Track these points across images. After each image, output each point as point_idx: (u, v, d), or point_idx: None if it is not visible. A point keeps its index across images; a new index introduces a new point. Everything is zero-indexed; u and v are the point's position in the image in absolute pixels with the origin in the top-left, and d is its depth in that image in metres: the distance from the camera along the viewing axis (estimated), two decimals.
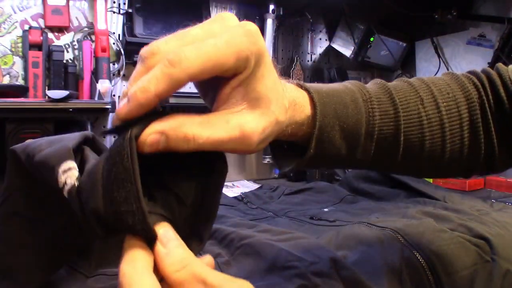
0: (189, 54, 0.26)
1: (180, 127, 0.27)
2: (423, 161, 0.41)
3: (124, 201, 0.25)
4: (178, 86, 0.26)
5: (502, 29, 1.30)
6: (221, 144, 0.28)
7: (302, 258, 0.51)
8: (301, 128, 0.36)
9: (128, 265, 0.26)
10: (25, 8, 1.09)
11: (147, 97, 0.26)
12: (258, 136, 0.30)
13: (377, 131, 0.38)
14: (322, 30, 1.61)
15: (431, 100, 0.40)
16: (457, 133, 0.40)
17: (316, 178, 1.26)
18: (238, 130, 0.29)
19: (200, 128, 0.27)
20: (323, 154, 0.37)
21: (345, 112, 0.37)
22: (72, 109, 0.96)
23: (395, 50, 1.54)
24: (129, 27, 1.19)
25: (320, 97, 0.37)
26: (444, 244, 0.59)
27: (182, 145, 0.27)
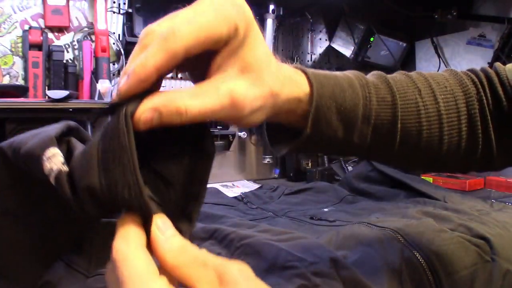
0: (182, 27, 0.27)
1: (172, 101, 0.27)
2: (421, 152, 0.41)
3: (120, 175, 0.25)
4: (175, 59, 0.27)
5: (502, 29, 1.30)
6: (213, 113, 0.29)
7: (302, 258, 0.51)
8: (298, 105, 0.36)
9: (121, 241, 0.26)
10: (25, 8, 1.09)
11: (145, 71, 0.26)
12: (250, 103, 0.30)
13: (374, 116, 0.38)
14: (322, 30, 1.61)
15: (429, 91, 0.40)
16: (455, 125, 0.40)
17: (316, 178, 1.26)
18: (229, 97, 0.29)
19: (191, 100, 0.28)
20: (319, 135, 0.37)
21: (342, 94, 0.37)
22: (72, 109, 0.96)
23: (395, 50, 1.54)
24: (129, 27, 1.19)
25: (317, 78, 0.37)
26: (444, 244, 0.59)
27: (175, 119, 0.27)
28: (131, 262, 0.25)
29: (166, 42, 0.26)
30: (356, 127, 0.38)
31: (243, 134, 1.37)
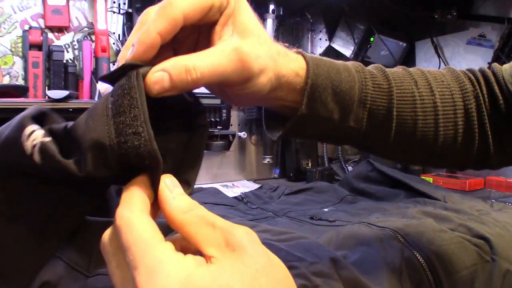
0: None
1: (180, 62, 0.28)
2: (417, 144, 0.41)
3: (131, 124, 0.26)
4: (175, 24, 0.28)
5: (502, 29, 1.30)
6: (222, 72, 0.30)
7: (302, 258, 0.51)
8: (296, 80, 0.36)
9: (125, 207, 0.26)
10: (25, 8, 1.09)
11: (150, 37, 0.28)
12: (256, 60, 0.31)
13: (370, 101, 0.38)
14: (322, 30, 1.61)
15: (425, 83, 0.41)
16: (451, 119, 0.40)
17: (316, 178, 1.26)
18: (235, 53, 0.30)
19: (199, 60, 0.29)
20: (315, 115, 0.37)
21: (338, 76, 0.37)
22: (72, 109, 0.96)
23: (395, 50, 1.54)
24: (129, 27, 1.19)
25: (312, 58, 0.37)
26: (444, 244, 0.59)
27: (185, 79, 0.28)
28: (136, 227, 0.25)
29: (165, 9, 0.28)
30: (352, 110, 0.38)
31: (243, 134, 1.37)
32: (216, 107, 1.28)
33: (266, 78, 0.33)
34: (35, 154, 0.28)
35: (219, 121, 1.28)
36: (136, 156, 0.26)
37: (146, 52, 0.28)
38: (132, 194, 0.27)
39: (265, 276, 0.25)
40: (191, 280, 0.24)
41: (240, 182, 1.35)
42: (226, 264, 0.25)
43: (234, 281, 0.24)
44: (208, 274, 0.24)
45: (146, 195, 0.27)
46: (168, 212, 0.27)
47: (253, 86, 0.33)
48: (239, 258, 0.25)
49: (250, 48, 0.31)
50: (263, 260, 0.26)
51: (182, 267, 0.24)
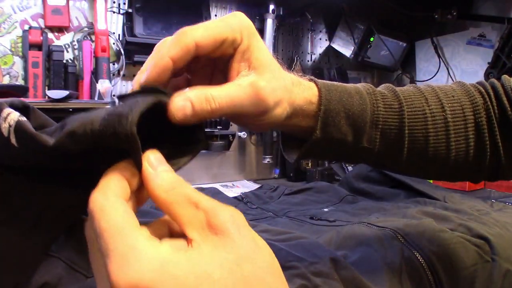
0: (193, 28, 0.31)
1: (201, 91, 0.31)
2: (429, 160, 0.41)
3: (119, 110, 0.26)
4: (187, 51, 0.31)
5: (502, 29, 1.30)
6: (239, 104, 0.32)
7: (302, 258, 0.51)
8: (310, 107, 0.38)
9: (99, 192, 0.25)
10: (25, 8, 1.09)
11: (163, 60, 0.30)
12: (272, 93, 0.33)
13: (382, 121, 0.40)
14: (322, 30, 1.61)
15: (435, 100, 0.42)
16: (462, 133, 0.41)
17: (316, 178, 1.26)
18: (251, 88, 0.33)
19: (217, 90, 0.31)
20: (329, 139, 0.39)
21: (350, 100, 0.39)
22: (72, 109, 0.96)
23: (395, 50, 1.54)
24: (129, 27, 1.19)
25: (324, 84, 0.39)
26: (444, 244, 0.59)
27: (205, 108, 0.31)
28: (108, 212, 0.24)
29: (179, 37, 0.31)
30: (365, 132, 0.39)
31: (243, 134, 1.37)
32: None
33: (281, 109, 0.35)
34: (11, 136, 0.27)
35: (219, 121, 1.28)
36: (113, 135, 0.25)
37: (159, 75, 0.31)
38: (109, 178, 0.26)
39: (249, 263, 0.24)
40: (166, 268, 0.23)
41: (240, 182, 1.35)
42: (206, 249, 0.24)
43: (213, 268, 0.23)
44: (185, 261, 0.23)
45: (126, 180, 0.26)
46: (151, 191, 0.26)
47: (270, 118, 0.35)
48: (221, 243, 0.24)
49: (266, 83, 0.33)
50: (248, 245, 0.24)
51: (156, 254, 0.23)
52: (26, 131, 0.27)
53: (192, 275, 0.23)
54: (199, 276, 0.23)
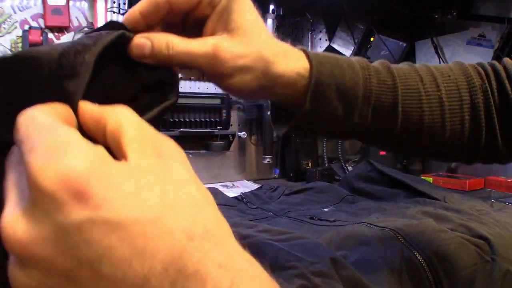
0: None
1: (163, 36, 0.32)
2: (423, 138, 0.41)
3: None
4: (157, 6, 0.31)
5: (502, 29, 1.30)
6: (195, 58, 0.32)
7: (302, 258, 0.51)
8: (297, 80, 0.37)
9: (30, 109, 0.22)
10: (25, 8, 1.09)
11: (131, 13, 0.31)
12: (232, 58, 0.33)
13: (375, 97, 0.39)
14: (322, 30, 1.61)
15: (431, 79, 0.41)
16: (457, 113, 0.41)
17: (316, 178, 1.26)
18: (212, 47, 0.32)
19: (179, 40, 0.32)
20: (319, 112, 0.38)
21: (342, 74, 0.38)
22: None
23: (395, 50, 1.54)
24: None
25: (316, 56, 0.38)
26: (444, 244, 0.59)
27: (164, 51, 0.31)
28: (38, 116, 0.21)
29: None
30: (356, 107, 0.38)
31: (243, 134, 1.37)
32: (216, 107, 1.28)
33: (249, 76, 0.34)
34: None
35: (219, 121, 1.28)
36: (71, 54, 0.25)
37: (128, 26, 0.31)
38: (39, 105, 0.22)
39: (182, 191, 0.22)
40: (104, 166, 0.20)
41: (240, 182, 1.35)
42: (144, 165, 0.21)
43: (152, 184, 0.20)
44: (126, 167, 0.21)
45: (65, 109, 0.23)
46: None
47: (235, 83, 0.34)
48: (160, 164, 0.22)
49: (231, 46, 0.33)
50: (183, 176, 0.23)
51: (93, 150, 0.20)
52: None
53: (132, 181, 0.20)
54: (139, 184, 0.20)
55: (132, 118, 0.23)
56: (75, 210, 0.18)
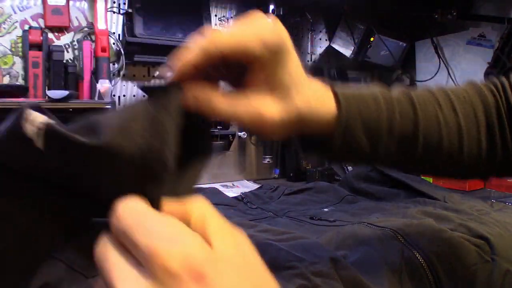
0: (220, 33, 0.32)
1: (208, 96, 0.32)
2: (442, 162, 0.43)
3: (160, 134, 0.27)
4: (209, 57, 0.31)
5: (502, 29, 1.30)
6: (240, 120, 0.34)
7: (302, 258, 0.51)
8: (325, 121, 0.38)
9: (124, 200, 0.26)
10: (25, 8, 1.09)
11: (183, 65, 0.32)
12: (274, 120, 0.34)
13: (397, 129, 0.41)
14: (322, 30, 1.61)
15: (448, 105, 0.43)
16: (474, 136, 0.42)
17: (316, 178, 1.25)
18: (258, 112, 0.34)
19: (225, 104, 0.33)
20: (347, 147, 0.40)
21: (367, 109, 0.40)
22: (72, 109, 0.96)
23: (395, 50, 1.54)
24: (129, 27, 1.19)
25: (343, 94, 0.39)
26: (444, 244, 0.59)
27: (207, 112, 0.32)
28: (139, 207, 0.26)
29: (204, 42, 0.31)
30: (381, 140, 0.40)
31: (243, 134, 1.37)
32: None
33: (285, 130, 0.36)
34: (37, 137, 0.27)
35: (219, 121, 1.28)
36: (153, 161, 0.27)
37: (180, 76, 0.32)
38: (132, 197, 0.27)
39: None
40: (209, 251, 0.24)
41: (240, 182, 1.35)
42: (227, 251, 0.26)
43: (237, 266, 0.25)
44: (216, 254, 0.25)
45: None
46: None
47: (270, 134, 0.36)
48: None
49: (274, 107, 0.34)
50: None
51: (199, 238, 0.25)
52: (60, 133, 0.27)
53: (239, 258, 0.25)
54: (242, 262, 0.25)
55: (213, 211, 0.27)
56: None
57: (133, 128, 0.27)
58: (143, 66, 1.26)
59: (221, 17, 1.40)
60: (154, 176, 0.28)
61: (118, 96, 1.22)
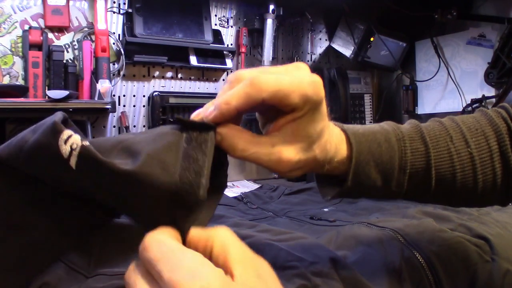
0: (266, 80, 0.32)
1: (235, 139, 0.34)
2: (456, 192, 0.43)
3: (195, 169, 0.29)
4: (253, 103, 0.32)
5: (502, 29, 1.30)
6: (259, 161, 0.35)
7: (302, 258, 0.51)
8: (338, 165, 0.40)
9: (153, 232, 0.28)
10: (25, 8, 1.09)
11: (228, 108, 0.32)
12: (291, 165, 0.36)
13: (409, 166, 0.41)
14: (322, 30, 1.61)
15: (460, 136, 0.43)
16: (488, 165, 0.42)
17: None
18: (277, 156, 0.35)
19: (248, 145, 0.34)
20: (360, 186, 0.41)
21: (379, 150, 0.41)
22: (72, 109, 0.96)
23: (395, 50, 1.54)
24: (129, 27, 1.19)
25: (356, 137, 0.41)
26: (444, 244, 0.59)
27: (231, 152, 0.34)
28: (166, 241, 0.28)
29: (250, 88, 0.32)
30: (393, 177, 0.41)
31: None
32: None
33: (300, 172, 0.38)
34: (72, 158, 0.28)
35: None
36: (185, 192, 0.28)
37: (223, 118, 0.33)
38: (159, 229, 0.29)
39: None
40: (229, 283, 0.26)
41: (240, 182, 1.35)
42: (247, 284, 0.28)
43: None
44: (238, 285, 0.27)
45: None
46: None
47: (284, 175, 0.38)
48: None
49: (294, 155, 0.36)
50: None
51: (219, 272, 0.27)
52: (95, 158, 0.28)
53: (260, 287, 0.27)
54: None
55: (235, 240, 0.29)
56: None
57: (168, 159, 0.29)
58: (143, 66, 1.26)
59: (221, 17, 1.40)
60: (184, 206, 0.29)
61: (118, 96, 1.22)
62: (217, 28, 1.37)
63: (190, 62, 1.26)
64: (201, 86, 1.36)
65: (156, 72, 1.29)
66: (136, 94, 1.26)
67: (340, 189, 0.42)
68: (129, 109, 1.25)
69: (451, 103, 1.50)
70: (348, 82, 1.56)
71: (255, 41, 1.45)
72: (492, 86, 1.36)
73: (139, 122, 1.26)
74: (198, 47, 1.27)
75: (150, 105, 1.25)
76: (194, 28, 1.27)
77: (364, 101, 1.62)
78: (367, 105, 1.63)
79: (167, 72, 1.31)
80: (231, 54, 1.35)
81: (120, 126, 1.21)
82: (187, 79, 1.33)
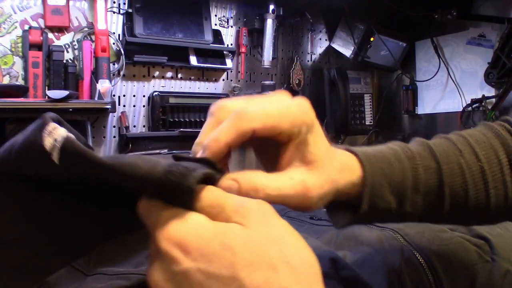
0: (253, 110, 0.32)
1: (252, 179, 0.32)
2: (470, 209, 0.42)
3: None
4: (244, 136, 0.32)
5: (502, 29, 1.30)
6: (286, 198, 0.34)
7: None
8: (353, 187, 0.39)
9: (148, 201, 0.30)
10: (25, 8, 1.09)
11: (218, 145, 0.32)
12: (318, 191, 0.35)
13: (423, 184, 0.41)
14: (322, 30, 1.61)
15: (469, 150, 0.43)
16: (499, 178, 0.42)
17: None
18: (302, 185, 0.34)
19: (268, 182, 0.33)
20: (375, 209, 0.40)
21: (391, 170, 0.40)
22: (72, 109, 0.97)
23: (395, 50, 1.54)
24: (129, 27, 1.19)
25: (367, 158, 0.40)
26: (444, 244, 0.59)
27: (250, 194, 0.32)
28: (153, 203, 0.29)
29: (238, 121, 0.32)
30: (407, 198, 0.40)
31: None
32: None
33: (324, 201, 0.36)
34: (55, 151, 0.27)
35: None
36: (174, 183, 0.27)
37: (214, 158, 0.32)
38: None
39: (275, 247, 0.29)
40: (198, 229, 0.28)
41: None
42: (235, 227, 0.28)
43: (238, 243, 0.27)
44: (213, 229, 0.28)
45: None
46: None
47: (311, 209, 0.36)
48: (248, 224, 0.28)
49: (316, 180, 0.35)
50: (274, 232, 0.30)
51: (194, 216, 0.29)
52: (76, 150, 0.27)
53: (217, 241, 0.27)
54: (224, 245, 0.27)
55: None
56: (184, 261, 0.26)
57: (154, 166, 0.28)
58: (143, 66, 1.26)
59: (221, 17, 1.40)
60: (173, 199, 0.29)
61: (118, 96, 1.22)
62: (217, 28, 1.37)
63: (190, 62, 1.26)
64: (201, 86, 1.36)
65: (156, 72, 1.29)
66: (136, 94, 1.26)
67: (354, 215, 0.40)
68: (129, 109, 1.25)
69: (451, 103, 1.50)
70: (348, 82, 1.56)
71: (255, 41, 1.45)
72: (492, 86, 1.36)
73: (139, 122, 1.26)
74: (198, 47, 1.27)
75: (150, 105, 1.25)
76: (194, 28, 1.27)
77: (364, 101, 1.62)
78: (367, 105, 1.62)
79: (167, 72, 1.31)
80: (231, 54, 1.35)
81: (120, 126, 1.21)
82: (187, 79, 1.33)
